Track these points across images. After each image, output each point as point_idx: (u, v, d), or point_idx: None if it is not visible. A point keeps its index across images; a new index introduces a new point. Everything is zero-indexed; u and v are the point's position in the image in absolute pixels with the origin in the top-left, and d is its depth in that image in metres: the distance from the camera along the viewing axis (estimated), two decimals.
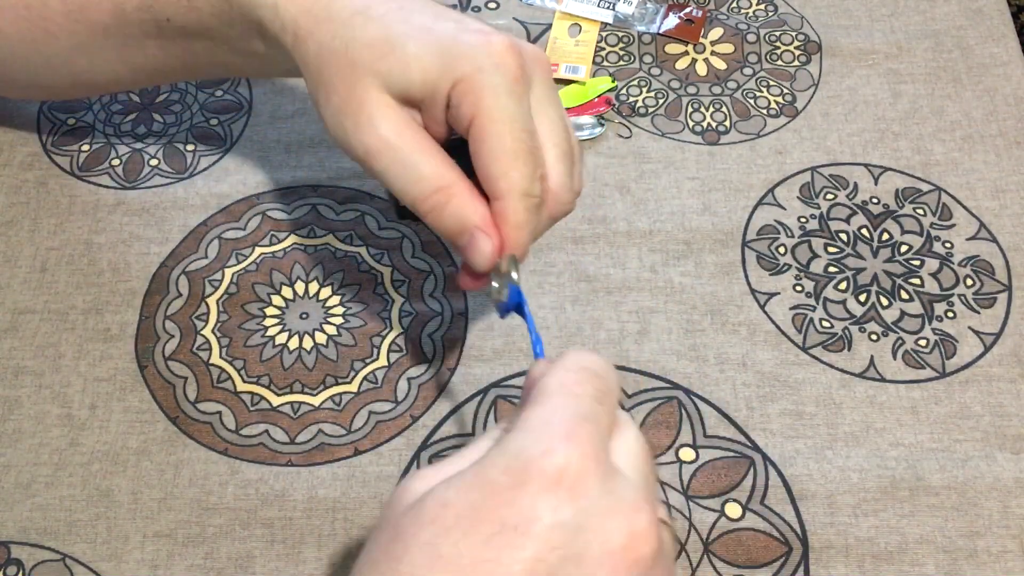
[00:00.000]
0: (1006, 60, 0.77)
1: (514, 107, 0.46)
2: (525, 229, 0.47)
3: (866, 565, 0.56)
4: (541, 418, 0.38)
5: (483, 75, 0.46)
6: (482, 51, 0.46)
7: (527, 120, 0.47)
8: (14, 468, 0.58)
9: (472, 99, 0.46)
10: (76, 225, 0.67)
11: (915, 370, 0.63)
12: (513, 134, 0.46)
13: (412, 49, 0.47)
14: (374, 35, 0.47)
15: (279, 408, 0.60)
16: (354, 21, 0.48)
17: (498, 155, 0.46)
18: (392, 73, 0.47)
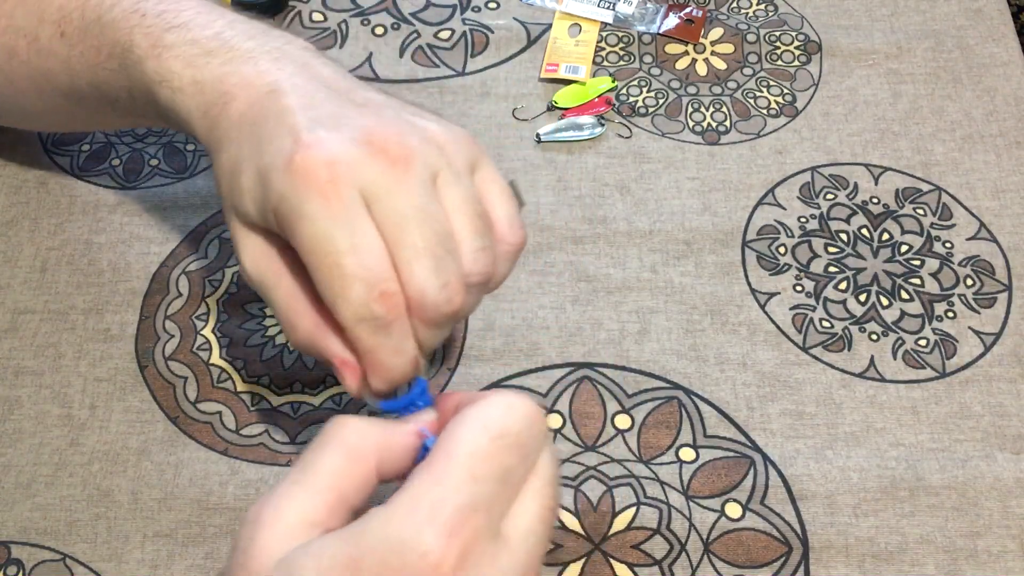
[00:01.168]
0: (1006, 60, 0.77)
1: (320, 227, 0.40)
2: (380, 352, 0.41)
3: (866, 565, 0.56)
4: (431, 501, 0.35)
5: (285, 203, 0.41)
6: (283, 173, 0.41)
7: (343, 231, 0.40)
8: (14, 468, 0.58)
9: (286, 230, 0.41)
10: (76, 225, 0.67)
11: (915, 370, 0.63)
12: (326, 259, 0.40)
13: (242, 182, 0.43)
14: (227, 163, 0.45)
15: (279, 408, 0.60)
16: (223, 145, 0.46)
17: (320, 283, 0.41)
18: (238, 207, 0.44)
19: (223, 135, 0.46)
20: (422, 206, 0.41)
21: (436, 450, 0.37)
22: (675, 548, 0.56)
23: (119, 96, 0.54)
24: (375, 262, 0.40)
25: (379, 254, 0.40)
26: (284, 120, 0.43)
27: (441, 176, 0.43)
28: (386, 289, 0.40)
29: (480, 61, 0.76)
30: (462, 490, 0.36)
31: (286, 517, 0.37)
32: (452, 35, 0.78)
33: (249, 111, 0.45)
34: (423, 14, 0.79)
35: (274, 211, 0.42)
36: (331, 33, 0.77)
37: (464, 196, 0.43)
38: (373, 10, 0.79)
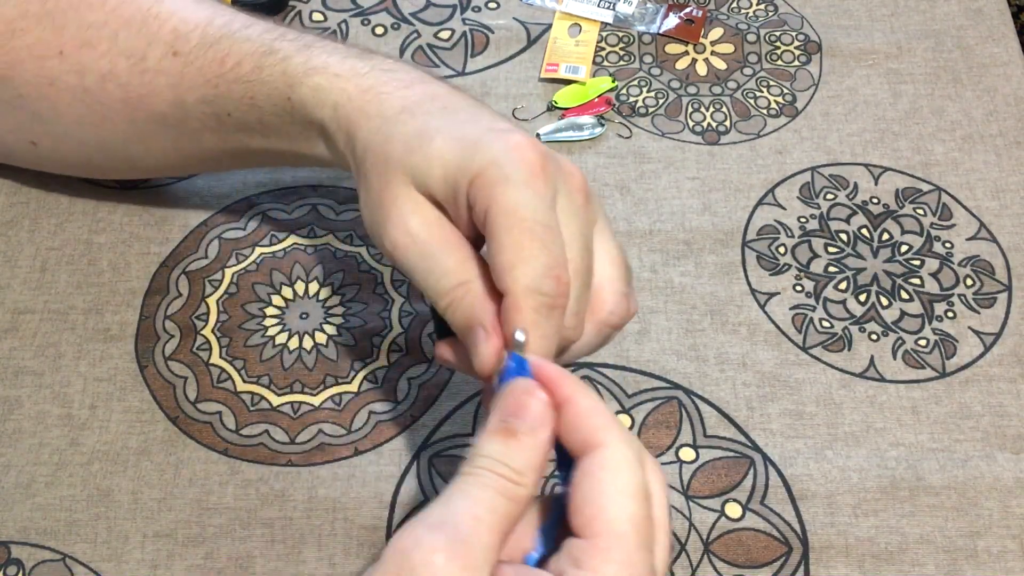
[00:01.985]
0: (1006, 60, 0.77)
1: (527, 197, 0.43)
2: (534, 333, 0.42)
3: (866, 565, 0.56)
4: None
5: (497, 168, 0.44)
6: (500, 145, 0.44)
7: (543, 214, 0.43)
8: (14, 468, 0.58)
9: (486, 192, 0.43)
10: (76, 225, 0.67)
11: (915, 370, 0.63)
12: (522, 224, 0.43)
13: (437, 145, 0.45)
14: (410, 130, 0.47)
15: (279, 408, 0.60)
16: (399, 118, 0.48)
17: (505, 246, 0.42)
18: (418, 169, 0.46)
19: (401, 109, 0.48)
20: (585, 239, 0.46)
21: (593, 524, 0.37)
22: (675, 548, 0.56)
23: (236, 106, 0.55)
24: (559, 249, 0.43)
25: (562, 246, 0.44)
26: (483, 109, 0.48)
27: (599, 223, 0.48)
28: (560, 274, 0.43)
29: (480, 61, 0.76)
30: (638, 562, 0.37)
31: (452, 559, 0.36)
32: (452, 35, 0.78)
33: (434, 95, 0.49)
34: (423, 14, 0.79)
35: (477, 174, 0.44)
36: (331, 33, 0.77)
37: (617, 245, 0.49)
38: (373, 10, 0.79)
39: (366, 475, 0.58)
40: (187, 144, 0.60)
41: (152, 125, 0.59)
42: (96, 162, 0.64)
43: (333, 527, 0.57)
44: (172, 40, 0.56)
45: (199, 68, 0.55)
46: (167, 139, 0.60)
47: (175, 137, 0.59)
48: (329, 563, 0.55)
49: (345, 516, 0.57)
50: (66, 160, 0.65)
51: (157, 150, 0.61)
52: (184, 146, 0.60)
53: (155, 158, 0.62)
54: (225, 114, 0.55)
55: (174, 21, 0.56)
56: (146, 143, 0.61)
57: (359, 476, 0.58)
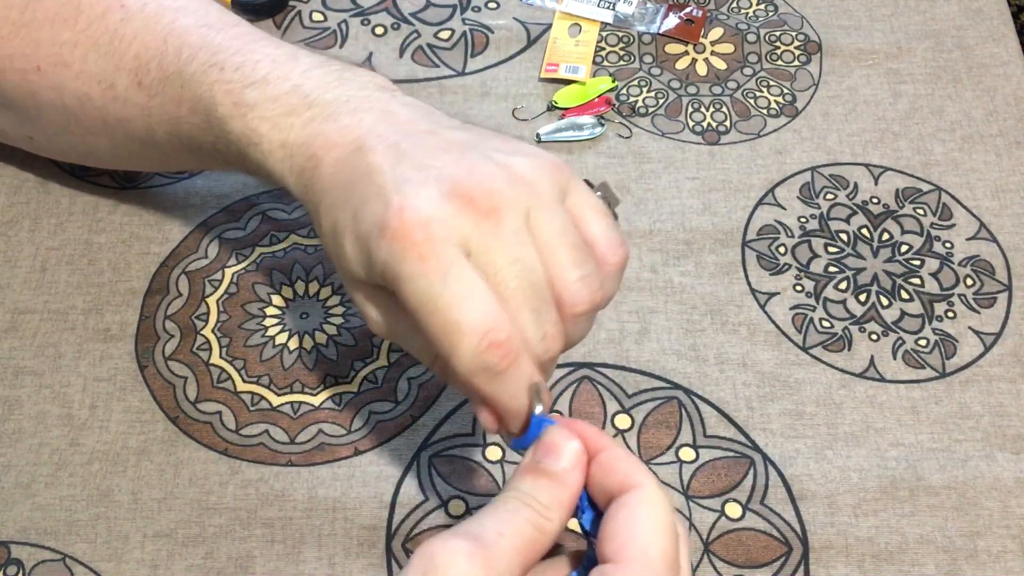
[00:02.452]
0: (1006, 60, 0.77)
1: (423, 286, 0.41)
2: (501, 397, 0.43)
3: (866, 565, 0.56)
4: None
5: (389, 268, 0.42)
6: (384, 243, 0.42)
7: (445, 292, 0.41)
8: (14, 468, 0.58)
9: (395, 292, 0.43)
10: (76, 225, 0.67)
11: (915, 370, 0.63)
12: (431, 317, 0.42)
13: (347, 243, 0.45)
14: (327, 228, 0.46)
15: (279, 408, 0.60)
16: (319, 211, 0.47)
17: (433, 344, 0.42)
18: (344, 269, 0.46)
19: (318, 199, 0.47)
20: (516, 257, 0.42)
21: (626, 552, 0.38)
22: None
23: (203, 146, 0.54)
24: (481, 312, 0.41)
25: (484, 303, 0.41)
26: (373, 180, 0.44)
27: (532, 214, 0.43)
28: (495, 338, 0.41)
29: (480, 61, 0.76)
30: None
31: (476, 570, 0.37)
32: (452, 35, 0.78)
33: (339, 173, 0.46)
34: (423, 14, 0.79)
35: (380, 276, 0.43)
36: (331, 33, 0.77)
37: (558, 229, 0.44)
38: (373, 10, 0.79)
39: (366, 475, 0.58)
40: (170, 161, 0.60)
41: (132, 144, 0.59)
42: (91, 159, 0.65)
43: (333, 527, 0.57)
44: (135, 68, 0.55)
45: (160, 104, 0.55)
46: (151, 155, 0.60)
47: (158, 155, 0.59)
48: (329, 563, 0.55)
49: (345, 516, 0.57)
50: (62, 154, 0.66)
51: (140, 161, 0.62)
52: (166, 162, 0.61)
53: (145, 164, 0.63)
54: (196, 146, 0.55)
55: (136, 46, 0.55)
56: (131, 156, 0.61)
57: (359, 476, 0.58)
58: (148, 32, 0.55)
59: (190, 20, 0.55)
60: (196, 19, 0.55)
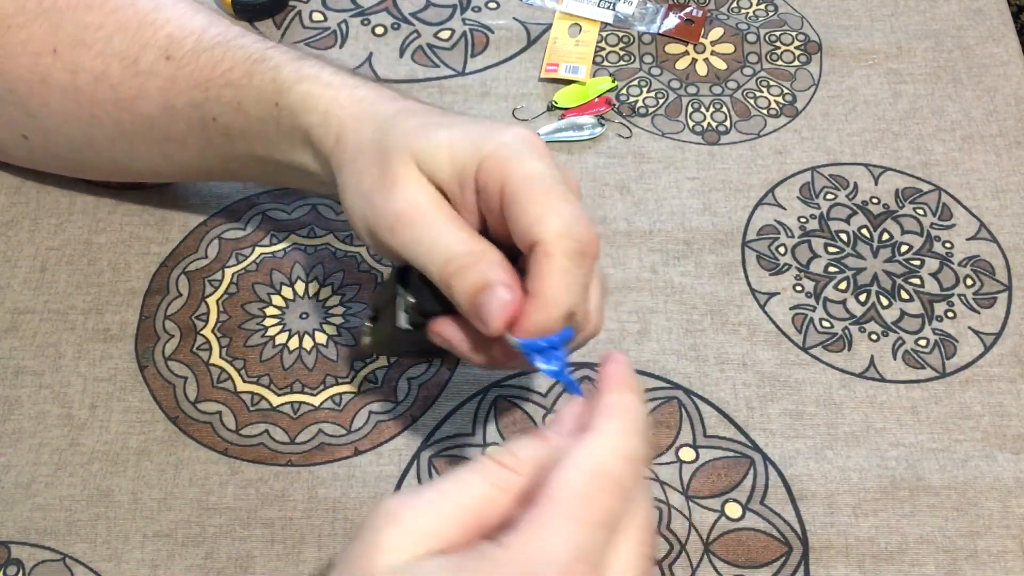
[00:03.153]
0: (1006, 60, 0.77)
1: (543, 166, 0.44)
2: (566, 278, 0.43)
3: (866, 565, 0.56)
4: (538, 549, 0.35)
5: (507, 147, 0.45)
6: (507, 132, 0.46)
7: (560, 178, 0.45)
8: (14, 468, 0.58)
9: (499, 170, 0.44)
10: (76, 225, 0.67)
11: (915, 370, 0.63)
12: (544, 184, 0.44)
13: (443, 134, 0.46)
14: (411, 125, 0.48)
15: (279, 408, 0.60)
16: (397, 118, 0.49)
17: (531, 204, 0.43)
18: (424, 152, 0.46)
19: (396, 112, 0.49)
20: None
21: (540, 493, 0.37)
22: (675, 548, 0.56)
23: (223, 110, 0.55)
24: (581, 206, 0.45)
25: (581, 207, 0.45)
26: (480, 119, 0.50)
27: None
28: (589, 223, 0.44)
29: (480, 61, 0.76)
30: (569, 537, 0.36)
31: (422, 523, 0.37)
32: (452, 35, 0.78)
33: (428, 107, 0.50)
34: (423, 14, 0.79)
35: (487, 156, 0.45)
36: (331, 33, 0.78)
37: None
38: (373, 10, 0.79)
39: (366, 475, 0.58)
40: (172, 148, 0.60)
41: (139, 127, 0.59)
42: (84, 159, 0.64)
43: (333, 527, 0.57)
44: (166, 45, 0.57)
45: (190, 72, 0.56)
46: (153, 142, 0.60)
47: (161, 140, 0.59)
48: (329, 563, 0.55)
49: (345, 516, 0.57)
50: (55, 156, 0.65)
51: (143, 152, 0.61)
52: (169, 151, 0.60)
53: (141, 161, 0.62)
54: (211, 118, 0.56)
55: (169, 28, 0.57)
56: (133, 144, 0.61)
57: (359, 476, 0.58)
58: (184, 19, 0.58)
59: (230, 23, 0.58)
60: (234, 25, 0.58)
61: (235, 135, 0.56)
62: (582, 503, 0.36)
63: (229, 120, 0.55)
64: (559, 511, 0.36)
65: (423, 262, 0.45)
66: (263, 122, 0.54)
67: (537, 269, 0.43)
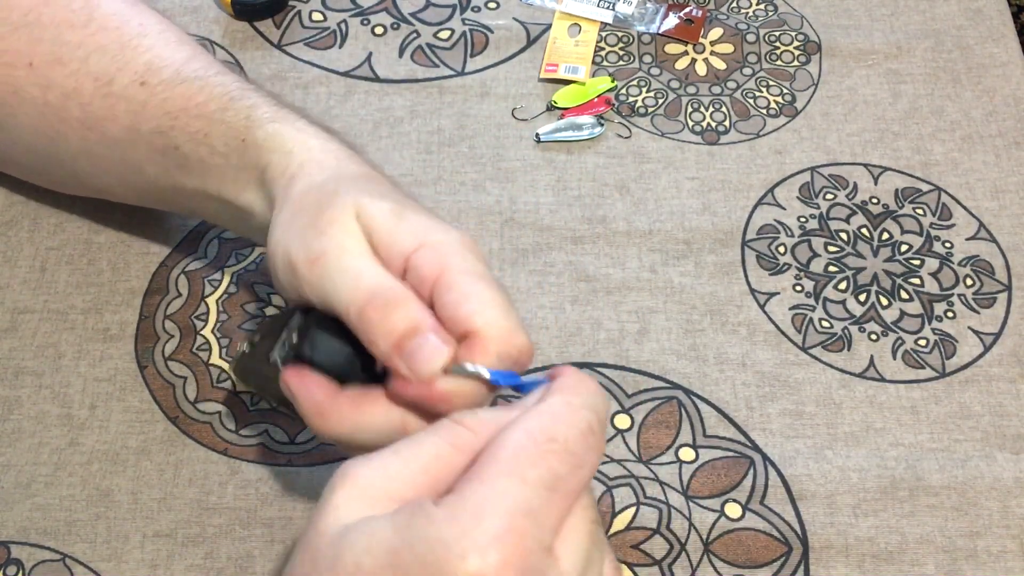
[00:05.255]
0: (1006, 60, 0.77)
1: (487, 270, 0.44)
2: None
3: (866, 565, 0.56)
4: (475, 506, 0.35)
5: (453, 243, 0.44)
6: (455, 231, 0.45)
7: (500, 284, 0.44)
8: (14, 468, 0.58)
9: (438, 259, 0.43)
10: (76, 225, 0.67)
11: (915, 370, 0.63)
12: (490, 283, 0.43)
13: (392, 206, 0.45)
14: (367, 186, 0.47)
15: (279, 408, 0.60)
16: (355, 177, 0.48)
17: (473, 296, 0.42)
18: (367, 209, 0.45)
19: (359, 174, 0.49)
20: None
21: (483, 453, 0.36)
22: (675, 548, 0.56)
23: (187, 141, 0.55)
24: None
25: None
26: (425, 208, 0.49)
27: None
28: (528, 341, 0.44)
29: (480, 61, 0.76)
30: (508, 493, 0.35)
31: (373, 482, 0.37)
32: (452, 35, 0.78)
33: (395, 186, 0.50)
34: (423, 14, 0.79)
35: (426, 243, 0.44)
36: (331, 32, 0.77)
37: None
38: (373, 10, 0.79)
39: None
40: (129, 173, 0.59)
41: (102, 148, 0.59)
42: (46, 172, 0.64)
43: None
44: (144, 71, 0.57)
45: (162, 101, 0.56)
46: (112, 163, 0.60)
47: (120, 163, 0.59)
48: None
49: None
50: (19, 164, 0.66)
51: (103, 172, 0.61)
52: (126, 174, 0.60)
53: (100, 180, 0.62)
54: (173, 147, 0.55)
55: (150, 55, 0.57)
56: (94, 164, 0.61)
57: None
58: (168, 49, 0.58)
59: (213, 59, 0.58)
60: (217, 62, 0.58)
61: (192, 167, 0.55)
62: (525, 461, 0.36)
63: (191, 150, 0.55)
64: (500, 468, 0.35)
65: (339, 298, 0.43)
66: (224, 156, 0.53)
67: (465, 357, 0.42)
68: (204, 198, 0.56)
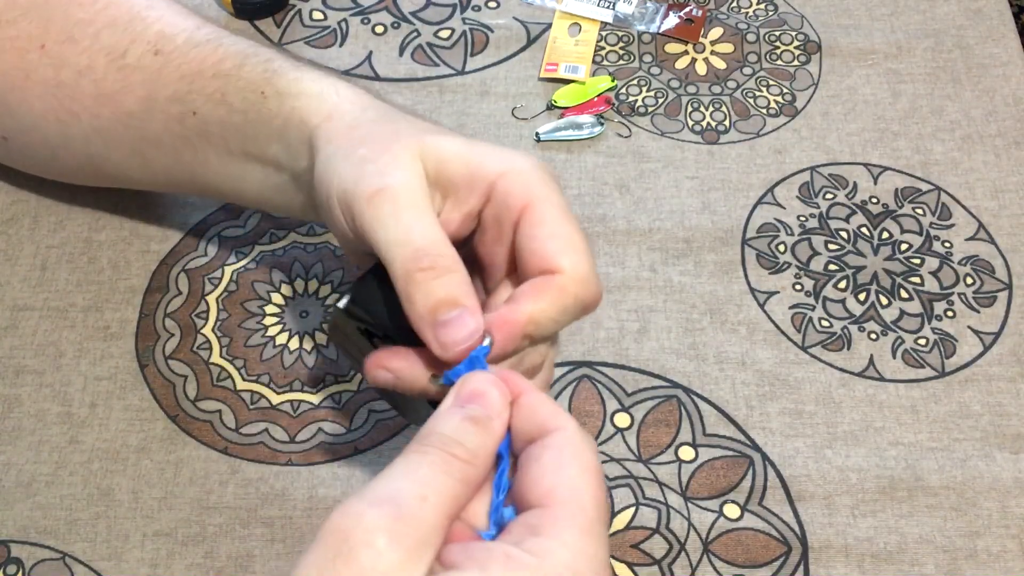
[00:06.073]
0: (1006, 60, 0.77)
1: (566, 204, 0.44)
2: (562, 316, 0.43)
3: (865, 565, 0.56)
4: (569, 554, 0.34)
5: (536, 170, 0.44)
6: (529, 157, 0.45)
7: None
8: (14, 467, 0.58)
9: (525, 188, 0.44)
10: (76, 223, 0.67)
11: (914, 369, 0.63)
12: (573, 222, 0.44)
13: (458, 141, 0.45)
14: (422, 124, 0.47)
15: (279, 406, 0.60)
16: (403, 115, 0.49)
17: (559, 236, 0.43)
18: (434, 149, 0.45)
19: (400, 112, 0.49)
20: None
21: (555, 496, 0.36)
22: (674, 548, 0.56)
23: (201, 105, 0.54)
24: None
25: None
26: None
27: None
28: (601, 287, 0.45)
29: (480, 60, 0.77)
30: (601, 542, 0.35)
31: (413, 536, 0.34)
32: (452, 34, 0.78)
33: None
34: (423, 13, 0.79)
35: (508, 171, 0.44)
36: (331, 32, 0.77)
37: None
38: (373, 9, 0.79)
39: (366, 474, 0.58)
40: (146, 148, 0.59)
41: (116, 124, 0.58)
42: (59, 160, 0.64)
43: None
44: (156, 40, 0.57)
45: (178, 65, 0.55)
46: (127, 141, 0.59)
47: (136, 140, 0.59)
48: None
49: None
50: (31, 156, 0.65)
51: (116, 152, 0.60)
52: (143, 150, 0.59)
53: (114, 164, 0.61)
54: (191, 112, 0.55)
55: (160, 24, 0.57)
56: (107, 145, 0.60)
57: (359, 475, 0.58)
58: (177, 17, 0.58)
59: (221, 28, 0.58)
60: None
61: (212, 131, 0.55)
62: (599, 505, 0.36)
63: (209, 112, 0.54)
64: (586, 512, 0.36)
65: (390, 247, 0.42)
66: (243, 113, 0.53)
67: (538, 291, 0.42)
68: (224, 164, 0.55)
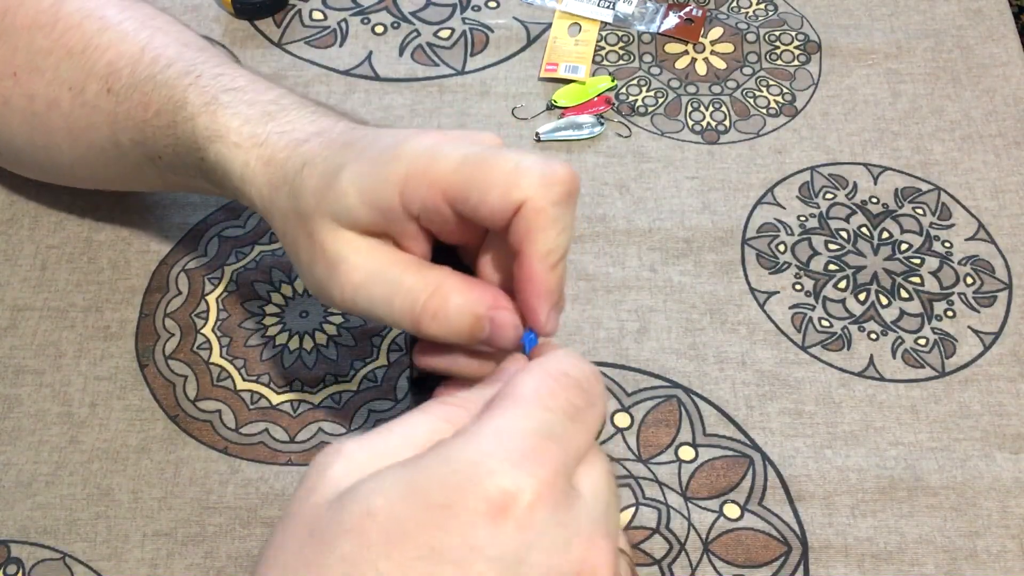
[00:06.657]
0: (1006, 60, 0.77)
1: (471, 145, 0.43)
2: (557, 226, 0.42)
3: (865, 565, 0.56)
4: (498, 428, 0.33)
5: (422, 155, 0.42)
6: (410, 141, 0.43)
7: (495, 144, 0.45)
8: (14, 467, 0.58)
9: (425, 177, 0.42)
10: (76, 223, 0.67)
11: (914, 369, 0.63)
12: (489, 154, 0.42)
13: (345, 175, 0.43)
14: (315, 180, 0.45)
15: (279, 406, 0.60)
16: (301, 177, 0.46)
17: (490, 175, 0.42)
18: (335, 205, 0.44)
19: (301, 165, 0.46)
20: None
21: (498, 396, 0.36)
22: (674, 548, 0.56)
23: (163, 152, 0.54)
24: None
25: None
26: (386, 129, 0.45)
27: None
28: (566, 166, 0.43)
29: (480, 60, 0.77)
30: (533, 416, 0.34)
31: (371, 457, 0.35)
32: (452, 34, 0.78)
33: (330, 141, 0.46)
34: (423, 13, 0.79)
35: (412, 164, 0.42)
36: (331, 32, 0.77)
37: None
38: (373, 9, 0.79)
39: None
40: (130, 174, 0.59)
41: (94, 155, 0.59)
42: (45, 175, 0.65)
43: None
44: (107, 75, 0.56)
45: (128, 110, 0.55)
46: (111, 168, 0.59)
47: (117, 169, 0.59)
48: None
49: None
50: (26, 171, 0.66)
51: (102, 176, 0.61)
52: (126, 176, 0.60)
53: (103, 181, 0.62)
54: (156, 156, 0.55)
55: (110, 54, 0.56)
56: (91, 169, 0.61)
57: None
58: (124, 43, 0.56)
59: (169, 38, 0.56)
60: (175, 38, 0.56)
61: (181, 172, 0.54)
62: (545, 392, 0.36)
63: (171, 160, 0.54)
64: (521, 398, 0.35)
65: (394, 321, 0.44)
66: (198, 169, 0.52)
67: (526, 225, 0.41)
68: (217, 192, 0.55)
